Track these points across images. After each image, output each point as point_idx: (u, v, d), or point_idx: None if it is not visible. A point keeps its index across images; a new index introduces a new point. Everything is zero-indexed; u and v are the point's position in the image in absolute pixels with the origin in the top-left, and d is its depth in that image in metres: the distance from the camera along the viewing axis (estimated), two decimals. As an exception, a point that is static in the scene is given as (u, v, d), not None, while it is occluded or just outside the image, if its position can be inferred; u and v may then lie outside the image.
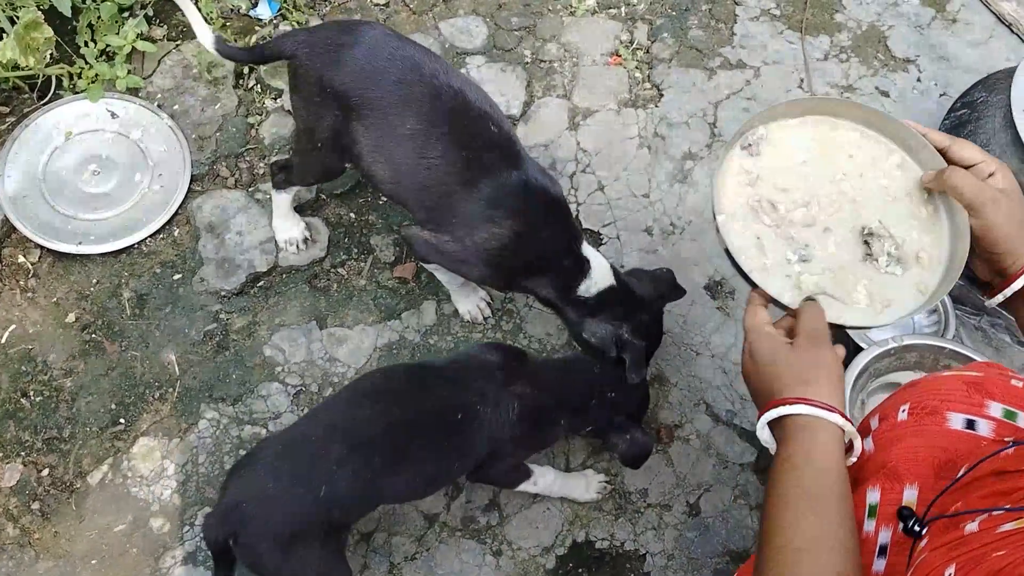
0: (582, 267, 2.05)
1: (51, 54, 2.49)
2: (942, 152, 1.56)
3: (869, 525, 1.44)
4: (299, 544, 1.77)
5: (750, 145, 1.70)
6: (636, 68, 2.91)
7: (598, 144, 2.75)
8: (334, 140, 2.12)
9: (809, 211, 1.65)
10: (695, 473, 2.33)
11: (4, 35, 2.39)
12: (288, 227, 2.45)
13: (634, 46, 2.95)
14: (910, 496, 1.44)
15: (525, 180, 1.99)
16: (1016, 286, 1.44)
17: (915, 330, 2.52)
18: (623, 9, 3.04)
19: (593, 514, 2.25)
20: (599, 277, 2.08)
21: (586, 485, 2.25)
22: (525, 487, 2.13)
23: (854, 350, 2.43)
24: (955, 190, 1.49)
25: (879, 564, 1.39)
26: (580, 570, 2.19)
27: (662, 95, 2.86)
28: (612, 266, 2.13)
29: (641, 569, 2.20)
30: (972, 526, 1.18)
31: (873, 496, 1.47)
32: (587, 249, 2.09)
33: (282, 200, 2.40)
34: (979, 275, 1.55)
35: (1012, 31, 3.03)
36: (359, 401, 1.93)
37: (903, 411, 1.56)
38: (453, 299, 2.45)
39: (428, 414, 1.89)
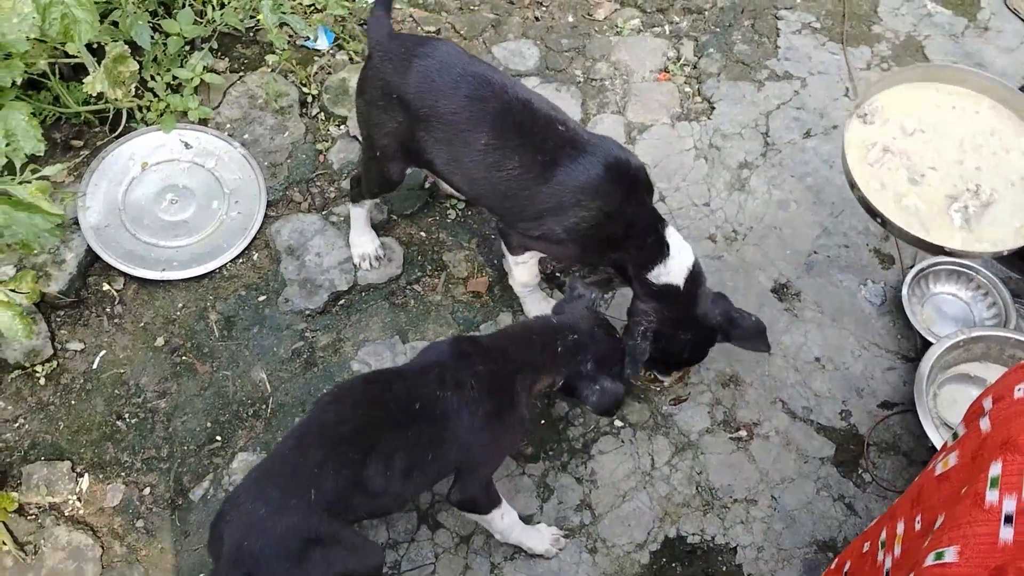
0: (661, 251, 2.27)
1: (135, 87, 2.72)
2: None
3: (992, 495, 1.60)
4: (315, 547, 1.88)
5: (865, 114, 2.18)
6: (685, 83, 3.17)
7: (656, 157, 2.99)
8: (395, 148, 2.35)
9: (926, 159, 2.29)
10: (777, 468, 2.52)
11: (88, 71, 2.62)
12: (363, 243, 2.68)
13: (681, 62, 3.21)
14: None
15: (602, 161, 2.21)
16: None
17: (977, 323, 2.75)
18: (667, 27, 3.31)
19: (682, 511, 2.44)
20: (674, 270, 2.29)
21: (540, 538, 2.35)
22: (493, 518, 2.24)
23: (922, 346, 2.66)
24: None
25: (1006, 532, 1.55)
26: (674, 564, 2.37)
27: (713, 108, 3.12)
28: (696, 272, 2.32)
29: (733, 561, 2.39)
30: None
31: (995, 469, 1.62)
32: (673, 237, 2.30)
33: (357, 214, 2.64)
34: None
35: (1044, 35, 3.32)
36: (323, 411, 2.07)
37: (1019, 390, 1.74)
38: (525, 308, 2.67)
39: (390, 409, 2.01)
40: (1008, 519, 1.55)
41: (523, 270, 2.52)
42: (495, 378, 2.11)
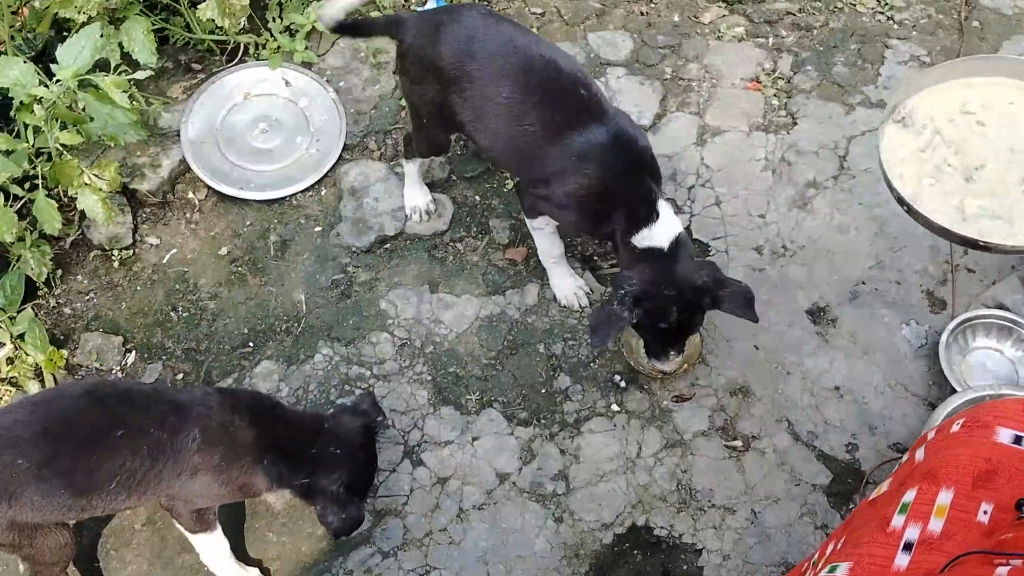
0: (649, 217, 2.31)
1: (244, 24, 3.01)
2: None
3: (898, 520, 1.61)
4: None
5: (903, 118, 2.40)
6: (774, 95, 3.15)
7: (722, 162, 3.00)
8: (437, 115, 2.51)
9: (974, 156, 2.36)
10: (765, 485, 2.51)
11: None
12: (415, 196, 2.86)
13: (776, 75, 3.19)
14: (944, 499, 1.59)
15: (611, 134, 2.29)
16: None
17: (1022, 385, 2.61)
18: (771, 39, 3.29)
19: (656, 503, 2.47)
20: (658, 235, 2.32)
21: None
22: (199, 539, 2.27)
23: (949, 392, 2.56)
24: None
25: (902, 559, 1.55)
26: (635, 551, 2.42)
27: (796, 123, 3.08)
28: (682, 240, 2.34)
29: (695, 563, 2.40)
30: (1002, 571, 1.34)
31: (909, 495, 1.63)
32: (664, 208, 2.33)
33: (410, 170, 2.82)
34: None
35: None
36: (22, 406, 2.13)
37: (957, 424, 1.72)
38: (550, 282, 2.76)
39: (84, 427, 2.02)
40: (908, 546, 1.55)
41: (541, 237, 2.63)
42: (225, 436, 2.11)
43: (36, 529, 2.06)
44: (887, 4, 3.36)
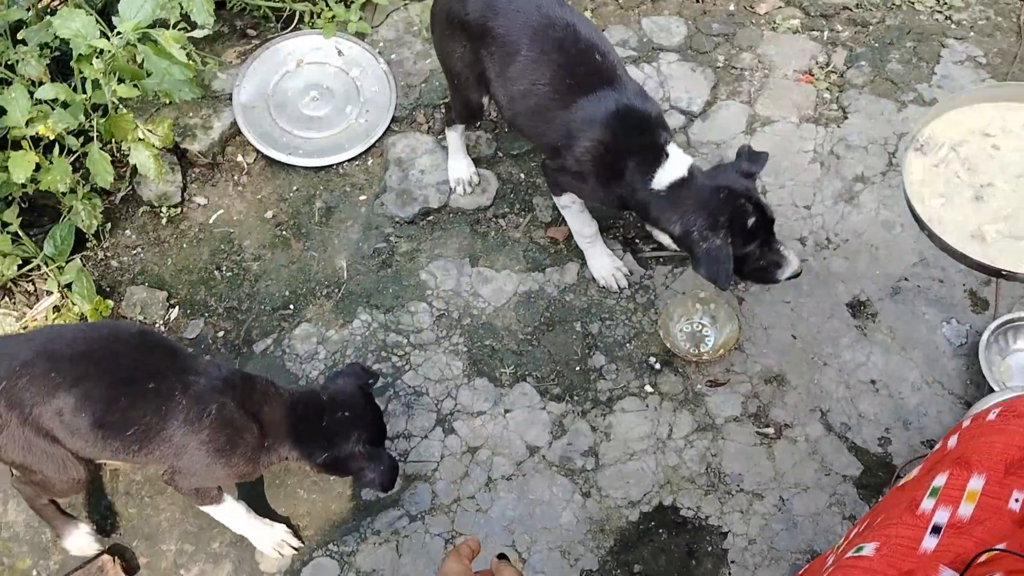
0: (658, 158, 2.34)
1: (301, -9, 3.09)
2: None
3: (927, 503, 1.62)
4: None
5: (921, 146, 2.36)
6: (827, 89, 3.15)
7: (770, 152, 2.99)
8: (467, 73, 2.55)
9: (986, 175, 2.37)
10: (795, 473, 2.52)
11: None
12: (459, 168, 2.91)
13: (829, 68, 3.19)
14: (975, 485, 1.60)
15: (617, 99, 2.33)
16: None
17: (1063, 389, 2.59)
18: (826, 33, 3.29)
19: (685, 484, 2.50)
20: (670, 169, 2.34)
21: (271, 535, 2.37)
22: (209, 511, 2.30)
23: (987, 392, 2.55)
24: None
25: (930, 541, 1.57)
26: (660, 530, 2.44)
27: (847, 117, 3.08)
28: (696, 166, 2.39)
29: (720, 545, 2.43)
30: None
31: (939, 480, 1.64)
32: (673, 148, 2.36)
33: (452, 137, 2.87)
34: None
35: None
36: (76, 326, 2.19)
37: (993, 413, 1.73)
38: (588, 263, 2.79)
39: (126, 363, 2.07)
40: (936, 530, 1.56)
41: (571, 215, 2.66)
42: (236, 420, 2.14)
43: (47, 456, 2.09)
44: (946, 3, 3.35)
